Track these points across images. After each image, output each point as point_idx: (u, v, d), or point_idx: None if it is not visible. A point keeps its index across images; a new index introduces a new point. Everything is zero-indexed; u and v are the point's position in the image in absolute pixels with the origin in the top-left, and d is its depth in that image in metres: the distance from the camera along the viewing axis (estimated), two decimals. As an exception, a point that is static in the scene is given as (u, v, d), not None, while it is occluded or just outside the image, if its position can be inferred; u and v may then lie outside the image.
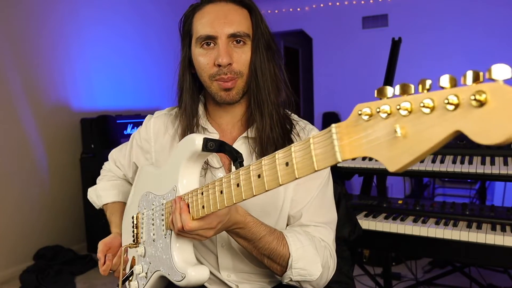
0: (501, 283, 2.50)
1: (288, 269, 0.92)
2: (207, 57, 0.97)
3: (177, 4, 4.34)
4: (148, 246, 0.96)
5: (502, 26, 4.43)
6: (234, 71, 0.96)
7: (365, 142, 0.49)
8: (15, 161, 3.09)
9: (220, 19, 0.95)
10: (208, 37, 0.95)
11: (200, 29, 0.96)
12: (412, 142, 0.43)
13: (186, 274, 0.83)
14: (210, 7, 0.98)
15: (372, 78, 4.50)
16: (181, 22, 1.03)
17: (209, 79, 0.98)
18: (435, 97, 0.41)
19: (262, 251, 0.90)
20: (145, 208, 0.99)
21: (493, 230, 1.42)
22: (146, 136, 1.13)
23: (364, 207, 1.72)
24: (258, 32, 0.98)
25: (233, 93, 0.98)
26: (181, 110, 1.04)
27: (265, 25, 1.01)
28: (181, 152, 0.86)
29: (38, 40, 3.25)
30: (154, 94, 4.41)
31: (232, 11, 0.97)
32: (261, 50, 0.98)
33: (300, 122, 1.09)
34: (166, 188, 0.90)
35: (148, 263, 0.95)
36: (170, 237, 0.87)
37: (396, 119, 0.45)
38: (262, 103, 0.99)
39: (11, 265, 3.01)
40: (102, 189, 1.23)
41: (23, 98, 3.13)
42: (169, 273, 0.87)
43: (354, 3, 5.18)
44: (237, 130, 1.06)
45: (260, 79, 0.98)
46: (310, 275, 0.93)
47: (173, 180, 0.88)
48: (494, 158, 1.58)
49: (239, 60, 0.96)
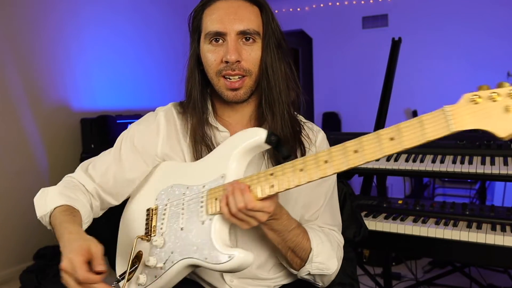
0: (501, 283, 2.50)
1: (308, 262, 0.95)
2: (215, 53, 0.95)
3: (177, 4, 4.36)
4: (170, 236, 0.92)
5: (502, 26, 4.43)
6: (242, 68, 0.95)
7: (478, 118, 0.65)
8: (15, 161, 3.09)
9: (230, 15, 0.93)
10: (217, 33, 0.94)
11: (209, 25, 0.95)
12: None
13: (234, 255, 0.81)
14: (220, 3, 0.96)
15: (372, 78, 4.50)
16: (191, 17, 1.02)
17: (216, 76, 0.97)
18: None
19: (289, 243, 0.92)
20: (169, 200, 0.97)
21: (493, 230, 1.42)
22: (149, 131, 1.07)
23: (364, 207, 1.72)
24: (269, 30, 0.97)
25: (240, 92, 0.97)
26: (191, 106, 1.02)
27: (276, 23, 0.99)
28: (234, 143, 0.90)
29: (38, 40, 3.25)
30: (154, 94, 4.40)
31: (243, 7, 0.95)
32: (272, 48, 0.97)
33: (307, 123, 1.10)
34: (208, 177, 0.91)
35: (169, 253, 0.91)
36: (212, 222, 0.86)
37: (503, 100, 0.63)
38: (274, 102, 0.98)
39: (11, 265, 3.01)
40: (52, 198, 0.98)
41: (23, 98, 3.13)
42: (207, 257, 0.84)
43: (354, 3, 5.18)
44: None
45: (271, 77, 0.97)
46: (328, 269, 0.97)
47: (218, 169, 0.90)
48: (494, 158, 1.57)
49: (248, 58, 0.95)
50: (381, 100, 2.26)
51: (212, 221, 0.86)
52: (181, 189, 0.96)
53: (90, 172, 1.06)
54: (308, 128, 1.08)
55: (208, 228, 0.86)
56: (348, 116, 5.37)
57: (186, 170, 0.99)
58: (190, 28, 1.03)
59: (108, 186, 1.04)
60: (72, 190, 1.01)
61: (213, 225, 0.86)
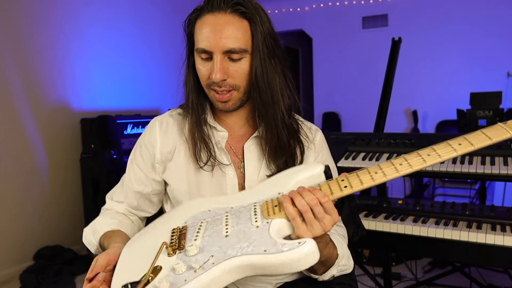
0: (501, 283, 2.50)
1: (334, 267, 0.95)
2: (204, 67, 0.98)
3: (177, 4, 4.36)
4: (209, 244, 0.82)
5: (502, 26, 4.43)
6: (229, 84, 0.96)
7: None
8: (15, 161, 3.09)
9: (216, 33, 0.93)
10: (204, 51, 0.95)
11: (199, 40, 0.96)
12: None
13: (305, 240, 0.74)
14: (209, 17, 0.95)
15: (372, 78, 4.50)
16: (185, 24, 1.03)
17: (207, 88, 1.00)
18: None
19: (322, 258, 0.85)
20: (205, 219, 0.90)
21: (493, 230, 1.42)
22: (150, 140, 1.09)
23: (364, 207, 1.72)
24: (258, 43, 0.96)
25: (229, 104, 1.00)
26: (189, 107, 1.05)
27: (268, 32, 0.98)
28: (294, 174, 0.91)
29: (38, 40, 3.25)
30: (154, 94, 4.41)
31: (230, 24, 0.93)
32: (263, 59, 0.96)
33: (305, 122, 1.13)
34: (258, 198, 0.91)
35: (208, 256, 0.79)
36: (269, 225, 0.81)
37: None
38: (266, 111, 1.00)
39: (11, 265, 3.01)
40: (100, 223, 1.06)
41: (23, 98, 3.13)
42: (266, 249, 0.75)
43: (354, 3, 5.18)
44: (245, 129, 1.08)
45: (262, 88, 0.98)
46: (349, 269, 1.01)
47: (273, 191, 0.90)
48: (494, 158, 1.57)
49: (235, 75, 0.96)
50: (381, 100, 2.26)
51: (269, 224, 0.81)
52: (222, 210, 0.91)
53: (116, 199, 1.14)
54: (306, 127, 1.11)
55: (265, 229, 0.80)
56: (348, 116, 5.37)
57: (228, 198, 0.96)
58: (185, 32, 1.04)
59: (135, 205, 1.12)
60: (110, 216, 1.09)
61: (271, 226, 0.81)
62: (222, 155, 1.04)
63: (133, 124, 3.69)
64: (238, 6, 0.94)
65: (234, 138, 1.07)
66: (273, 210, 0.83)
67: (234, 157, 1.05)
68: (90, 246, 1.07)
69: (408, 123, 4.99)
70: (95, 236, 1.04)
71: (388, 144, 1.77)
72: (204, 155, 1.01)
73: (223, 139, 1.05)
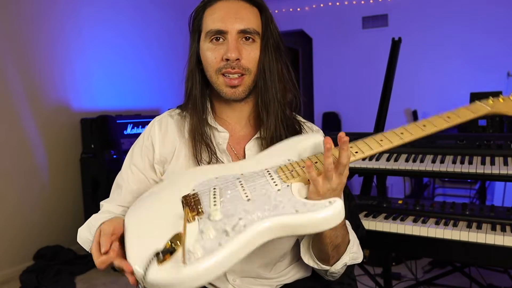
0: (501, 283, 2.50)
1: (346, 253, 0.97)
2: (215, 51, 0.98)
3: (178, 4, 4.36)
4: (232, 207, 0.82)
5: (502, 26, 4.43)
6: (242, 66, 0.97)
7: None
8: (15, 161, 3.09)
9: (231, 14, 0.96)
10: (218, 32, 0.96)
11: (210, 23, 0.97)
12: None
13: (336, 200, 0.77)
14: (221, 3, 0.98)
15: (372, 78, 4.50)
16: (191, 17, 1.04)
17: (215, 74, 0.99)
18: None
19: (343, 237, 0.95)
20: (216, 185, 0.89)
21: (493, 230, 1.42)
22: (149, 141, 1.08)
23: (364, 207, 1.72)
24: (267, 31, 0.99)
25: (239, 90, 0.99)
26: (191, 105, 1.04)
27: (274, 25, 1.02)
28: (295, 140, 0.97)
29: (38, 40, 3.25)
30: (154, 94, 4.41)
31: (243, 8, 0.98)
32: (270, 49, 0.99)
33: (306, 123, 1.13)
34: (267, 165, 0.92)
35: (236, 219, 0.77)
36: (290, 187, 0.85)
37: None
38: (269, 102, 1.00)
39: (11, 265, 3.01)
40: (96, 219, 1.02)
41: (23, 98, 3.13)
42: (298, 210, 0.78)
43: (354, 3, 5.18)
44: (246, 130, 1.08)
45: (268, 78, 0.99)
46: (359, 257, 1.01)
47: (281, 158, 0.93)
48: (494, 158, 1.57)
49: (248, 57, 0.97)
50: (381, 100, 2.26)
51: (290, 187, 0.85)
52: (231, 177, 0.91)
53: (113, 204, 1.09)
54: (308, 127, 1.12)
55: (288, 191, 0.84)
56: (348, 116, 5.37)
57: (233, 167, 0.96)
58: (190, 28, 1.04)
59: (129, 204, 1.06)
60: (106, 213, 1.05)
61: (293, 189, 0.84)
62: (223, 157, 1.03)
63: (133, 124, 3.69)
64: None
65: (235, 139, 1.07)
66: (291, 174, 0.87)
67: (235, 158, 1.05)
68: (85, 245, 1.03)
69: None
70: (91, 231, 0.99)
71: (388, 144, 1.77)
72: (205, 157, 1.01)
73: (225, 141, 1.05)
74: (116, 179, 1.11)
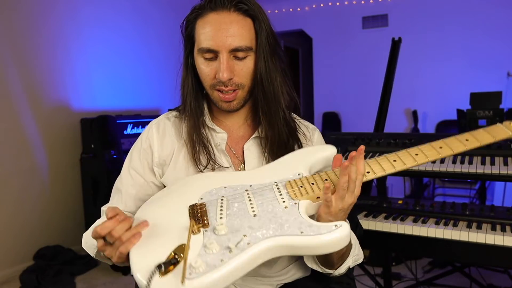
0: (501, 283, 2.50)
1: (349, 257, 0.97)
2: (208, 67, 0.97)
3: (178, 4, 4.35)
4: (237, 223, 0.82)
5: (502, 26, 4.43)
6: (235, 83, 0.96)
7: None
8: (15, 161, 3.09)
9: (222, 32, 0.93)
10: (210, 51, 0.95)
11: (202, 40, 0.95)
12: None
13: (342, 224, 0.78)
14: (212, 16, 0.94)
15: (372, 78, 4.50)
16: (183, 26, 1.02)
17: (210, 89, 0.99)
18: None
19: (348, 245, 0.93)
20: (223, 195, 0.90)
21: (493, 230, 1.42)
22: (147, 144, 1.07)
23: (364, 207, 1.72)
24: (262, 41, 0.97)
25: (234, 103, 0.99)
26: (186, 110, 1.04)
27: (269, 29, 0.99)
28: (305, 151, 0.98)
29: (38, 40, 3.25)
30: (154, 94, 4.41)
31: (235, 23, 0.94)
32: (266, 57, 0.98)
33: (302, 121, 1.14)
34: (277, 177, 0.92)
35: (240, 236, 0.78)
36: (297, 206, 0.84)
37: None
38: (269, 109, 1.01)
39: (11, 265, 3.01)
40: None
41: (23, 98, 3.13)
42: (303, 231, 0.78)
43: (354, 3, 5.18)
44: (244, 130, 1.08)
45: (266, 86, 0.99)
46: (361, 258, 1.03)
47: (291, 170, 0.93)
48: (494, 158, 1.57)
49: (240, 73, 0.97)
50: (381, 100, 2.26)
51: (298, 205, 0.84)
52: (239, 187, 0.91)
53: (112, 203, 1.09)
54: (304, 126, 1.13)
55: (295, 210, 0.83)
56: (348, 116, 5.37)
57: (243, 176, 0.97)
58: (183, 34, 1.03)
59: (134, 211, 1.04)
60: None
61: (300, 207, 0.84)
62: (222, 158, 1.03)
63: (133, 124, 3.69)
64: (241, 4, 0.95)
65: (233, 140, 1.07)
66: (300, 191, 0.87)
67: (234, 159, 1.05)
68: (90, 250, 1.03)
69: (408, 123, 4.99)
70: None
71: (388, 144, 1.77)
72: (204, 158, 1.01)
73: (223, 141, 1.05)
74: (116, 184, 1.11)
